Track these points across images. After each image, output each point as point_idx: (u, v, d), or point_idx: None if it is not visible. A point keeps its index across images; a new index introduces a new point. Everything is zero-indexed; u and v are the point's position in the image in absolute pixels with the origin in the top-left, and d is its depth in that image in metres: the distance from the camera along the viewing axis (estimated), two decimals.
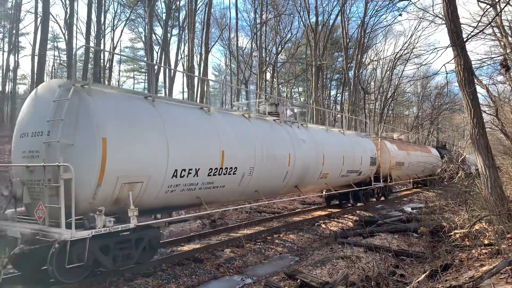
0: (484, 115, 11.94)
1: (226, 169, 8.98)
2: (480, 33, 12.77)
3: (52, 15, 31.91)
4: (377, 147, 19.01)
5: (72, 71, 7.41)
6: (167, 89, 35.30)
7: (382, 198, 20.68)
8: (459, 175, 13.89)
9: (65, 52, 36.26)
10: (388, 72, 47.49)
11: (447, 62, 8.84)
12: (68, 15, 28.33)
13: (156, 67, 29.30)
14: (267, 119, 11.87)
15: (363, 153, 16.73)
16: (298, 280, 6.89)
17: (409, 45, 43.36)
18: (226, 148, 8.93)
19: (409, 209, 18.06)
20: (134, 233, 7.32)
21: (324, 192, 16.72)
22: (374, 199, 19.75)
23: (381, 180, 18.67)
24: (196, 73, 30.62)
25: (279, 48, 39.90)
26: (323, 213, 16.59)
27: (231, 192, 9.85)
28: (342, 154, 14.85)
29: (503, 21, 18.05)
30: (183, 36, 37.01)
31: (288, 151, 11.45)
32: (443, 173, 17.28)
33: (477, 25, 10.16)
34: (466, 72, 8.78)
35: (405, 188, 30.20)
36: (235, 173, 9.33)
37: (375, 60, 47.41)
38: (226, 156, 8.86)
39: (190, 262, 8.67)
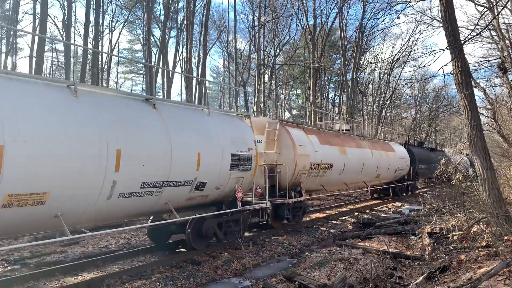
0: (481, 117, 12.01)
1: None
2: (477, 36, 12.88)
3: (50, 17, 31.88)
4: (271, 137, 12.32)
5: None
6: (165, 91, 35.30)
7: (285, 222, 13.09)
8: (457, 177, 13.91)
9: (63, 54, 36.23)
10: (386, 75, 47.62)
11: (445, 65, 8.90)
12: (66, 17, 28.30)
13: (154, 68, 29.26)
14: None
15: (210, 146, 9.00)
16: (296, 282, 6.89)
17: (407, 47, 43.54)
18: None
19: (407, 211, 18.06)
20: None
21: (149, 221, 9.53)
22: (266, 229, 12.33)
23: (277, 194, 11.97)
24: (194, 75, 30.62)
25: (277, 50, 39.92)
26: (321, 215, 16.47)
27: None
28: (113, 149, 6.70)
29: (500, 24, 18.13)
30: (181, 38, 37.03)
31: None
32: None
33: (475, 28, 10.27)
34: (464, 74, 8.82)
35: (363, 198, 23.72)
36: None
37: (373, 63, 47.54)
38: None
39: (188, 264, 8.65)
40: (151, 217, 9.50)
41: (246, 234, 11.23)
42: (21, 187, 5.54)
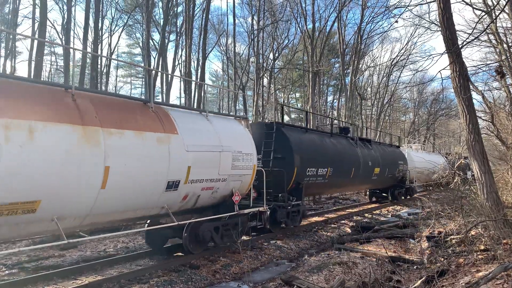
0: (479, 121, 12.02)
1: None
2: (475, 40, 12.93)
3: (50, 21, 31.94)
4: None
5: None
6: (164, 95, 35.32)
7: None
8: (455, 181, 13.92)
9: (62, 58, 36.25)
10: (384, 78, 47.76)
11: (443, 69, 8.90)
12: (65, 21, 28.34)
13: (153, 72, 29.30)
14: None
15: None
16: (295, 286, 6.89)
17: (405, 51, 43.72)
18: None
19: (405, 215, 18.07)
20: None
21: None
22: None
23: None
24: (193, 78, 30.65)
25: (276, 54, 40.01)
26: (319, 218, 16.33)
27: None
28: None
29: (498, 28, 18.20)
30: (180, 42, 37.07)
31: None
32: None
33: (472, 31, 10.34)
34: (462, 78, 8.85)
35: None
36: None
37: (372, 66, 47.69)
38: None
39: (186, 268, 8.62)
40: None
41: None
42: None
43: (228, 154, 9.47)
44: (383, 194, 23.16)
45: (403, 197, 23.61)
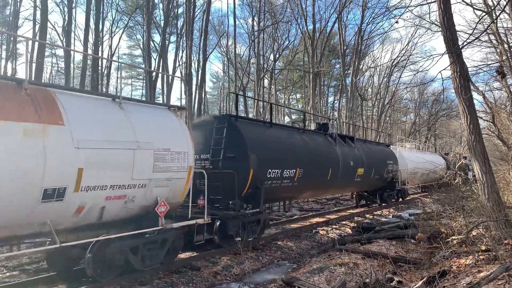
0: (480, 121, 12.05)
1: None
2: (476, 40, 12.93)
3: (50, 23, 32.04)
4: None
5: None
6: (165, 96, 35.37)
7: None
8: (456, 181, 13.90)
9: (63, 59, 36.30)
10: (385, 79, 47.75)
11: (443, 69, 8.89)
12: (66, 22, 28.41)
13: (154, 73, 29.33)
14: None
15: None
16: (296, 287, 6.88)
17: (405, 52, 43.75)
18: None
19: (406, 215, 18.05)
20: None
21: None
22: None
23: None
24: (194, 80, 30.71)
25: (277, 55, 40.04)
26: (320, 219, 16.42)
27: None
28: None
29: (498, 28, 18.20)
30: (181, 43, 37.11)
31: None
32: None
33: (473, 32, 10.29)
34: (462, 78, 8.84)
35: None
36: None
37: (372, 67, 47.71)
38: None
39: (187, 270, 8.62)
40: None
41: None
42: None
43: (148, 153, 7.48)
44: (371, 197, 21.37)
45: (393, 200, 22.19)
